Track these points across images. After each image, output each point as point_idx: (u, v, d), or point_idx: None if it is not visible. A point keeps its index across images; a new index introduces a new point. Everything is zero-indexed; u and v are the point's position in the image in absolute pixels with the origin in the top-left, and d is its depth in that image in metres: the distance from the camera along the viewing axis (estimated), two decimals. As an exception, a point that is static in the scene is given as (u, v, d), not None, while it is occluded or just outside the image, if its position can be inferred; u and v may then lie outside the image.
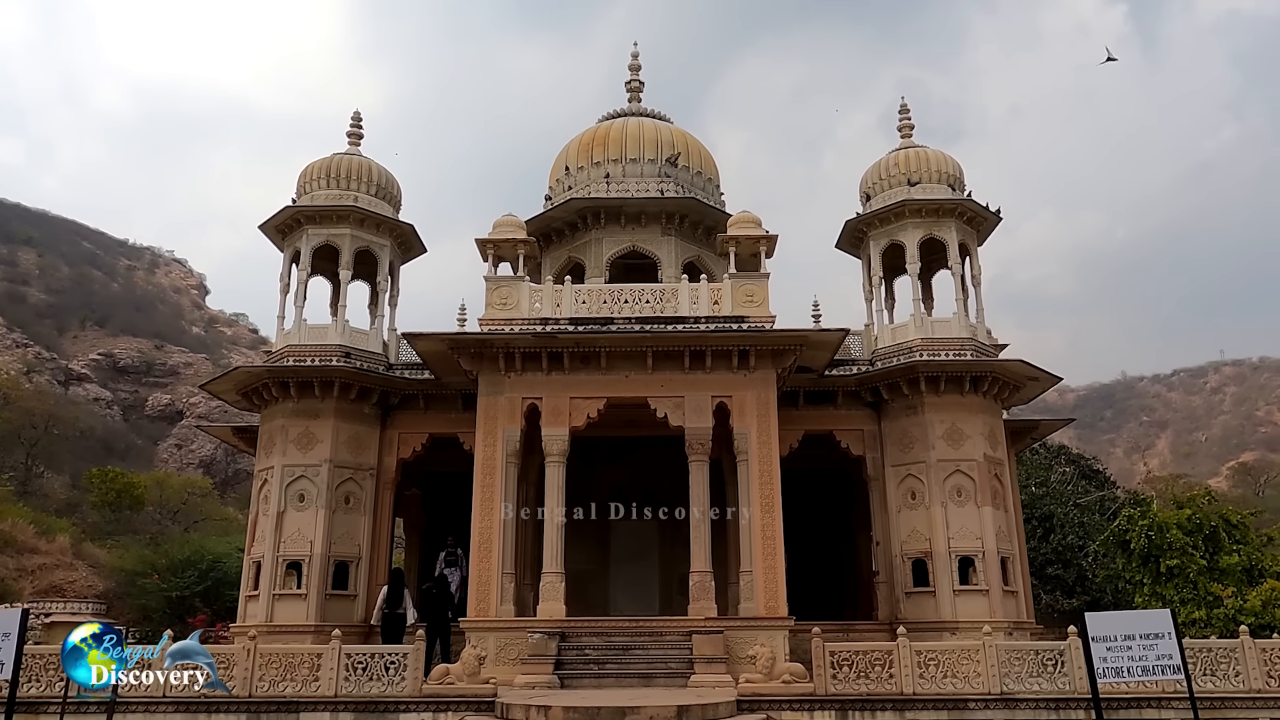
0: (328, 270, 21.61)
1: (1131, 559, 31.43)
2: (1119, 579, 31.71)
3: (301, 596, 18.83)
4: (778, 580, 17.17)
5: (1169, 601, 29.99)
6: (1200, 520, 31.34)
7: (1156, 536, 30.81)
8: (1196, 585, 30.03)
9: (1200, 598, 29.84)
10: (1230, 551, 30.96)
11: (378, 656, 14.05)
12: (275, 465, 19.54)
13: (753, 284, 18.57)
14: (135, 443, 73.11)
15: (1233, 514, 32.90)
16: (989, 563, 18.81)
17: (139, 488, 51.39)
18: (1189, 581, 30.32)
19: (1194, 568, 30.19)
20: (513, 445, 17.91)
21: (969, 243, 20.83)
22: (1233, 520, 32.13)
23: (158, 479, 55.95)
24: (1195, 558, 30.41)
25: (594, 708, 12.16)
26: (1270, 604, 28.64)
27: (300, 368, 19.40)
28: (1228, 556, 30.64)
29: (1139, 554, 31.00)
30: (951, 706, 13.50)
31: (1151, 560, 30.59)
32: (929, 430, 19.44)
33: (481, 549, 17.44)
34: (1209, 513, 31.95)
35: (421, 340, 18.03)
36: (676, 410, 18.01)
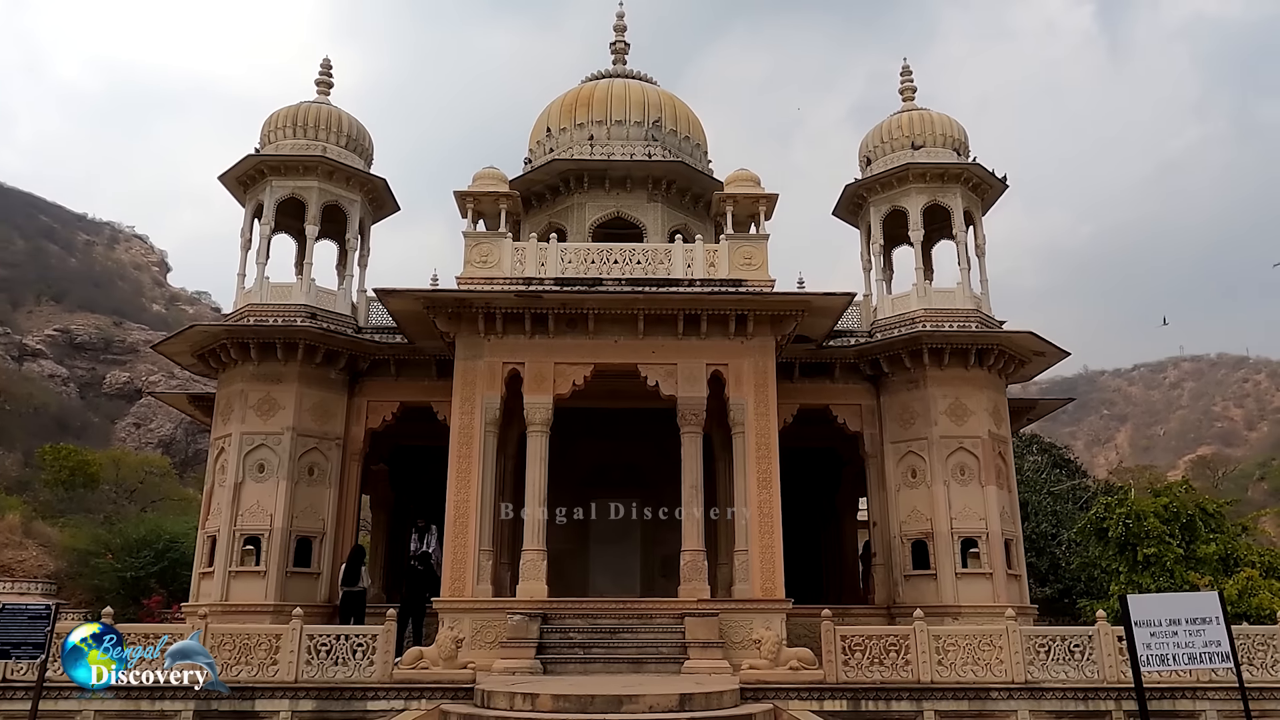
0: (293, 228, 19.95)
1: (1108, 547, 30.75)
2: (1094, 567, 30.98)
3: (260, 574, 17.26)
4: (775, 561, 15.88)
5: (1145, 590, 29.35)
6: (1177, 509, 30.72)
7: (1134, 525, 30.05)
8: (1173, 574, 29.38)
9: (1177, 586, 29.21)
10: (1207, 540, 30.41)
11: (344, 638, 12.56)
12: (233, 433, 17.91)
13: (751, 246, 17.21)
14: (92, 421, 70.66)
15: (1209, 503, 32.26)
16: (993, 545, 17.67)
17: (93, 465, 49.52)
18: (1165, 570, 29.61)
19: (1171, 556, 29.51)
20: (492, 413, 16.45)
21: (973, 211, 19.63)
22: (1209, 509, 31.52)
23: (114, 457, 53.89)
24: (1172, 546, 29.70)
25: (587, 696, 10.77)
26: (1246, 593, 28.04)
27: (261, 328, 17.76)
28: (1205, 545, 29.98)
29: (1116, 542, 30.34)
30: (973, 696, 12.27)
31: (1128, 548, 29.86)
32: (931, 405, 18.23)
33: (457, 524, 15.97)
34: (1186, 501, 31.38)
35: (394, 298, 16.48)
36: (669, 378, 16.63)
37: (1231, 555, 30.06)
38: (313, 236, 18.91)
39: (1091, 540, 31.34)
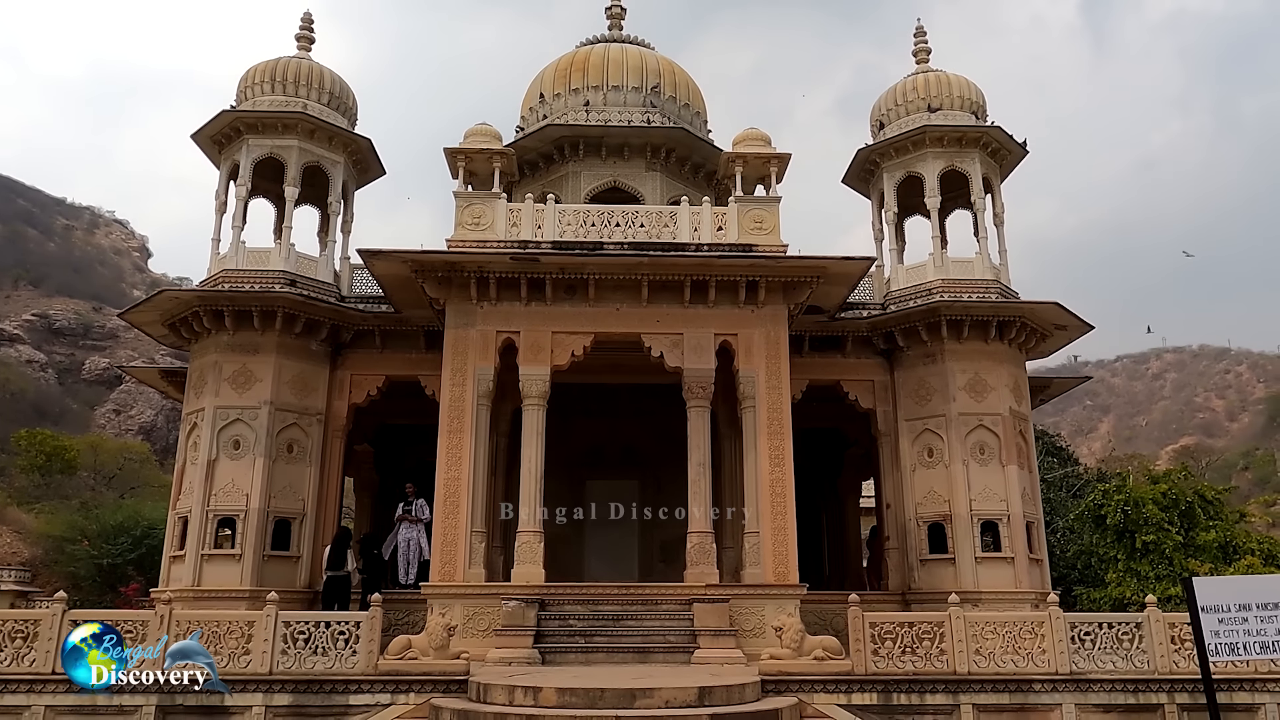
0: (271, 191, 18.61)
1: (1106, 534, 29.86)
2: (1091, 555, 30.11)
3: (235, 557, 15.93)
4: (788, 543, 14.70)
5: (1144, 578, 28.45)
6: (1176, 496, 29.88)
7: (1133, 511, 29.21)
8: (1172, 561, 28.53)
9: (1176, 574, 28.33)
10: (1207, 528, 29.59)
11: (324, 626, 11.30)
12: (206, 407, 16.56)
13: (762, 209, 15.99)
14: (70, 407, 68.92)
15: (1208, 489, 31.46)
16: (1014, 527, 16.56)
17: (71, 451, 48.08)
18: (1164, 558, 28.78)
19: (1170, 544, 28.69)
20: (485, 385, 15.17)
21: (992, 178, 18.47)
22: (1208, 496, 30.75)
23: (92, 443, 52.41)
24: (1171, 534, 28.90)
25: (595, 690, 9.55)
26: None
27: (237, 294, 16.40)
28: (1204, 533, 29.20)
29: (1114, 529, 29.45)
30: (1014, 688, 11.14)
31: (1126, 535, 29.01)
32: (949, 380, 17.08)
33: (448, 504, 14.71)
34: (1184, 488, 30.50)
35: (380, 261, 15.15)
36: (674, 349, 15.40)
37: (1231, 543, 29.32)
38: (292, 199, 17.52)
39: (1088, 528, 30.50)
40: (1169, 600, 26.21)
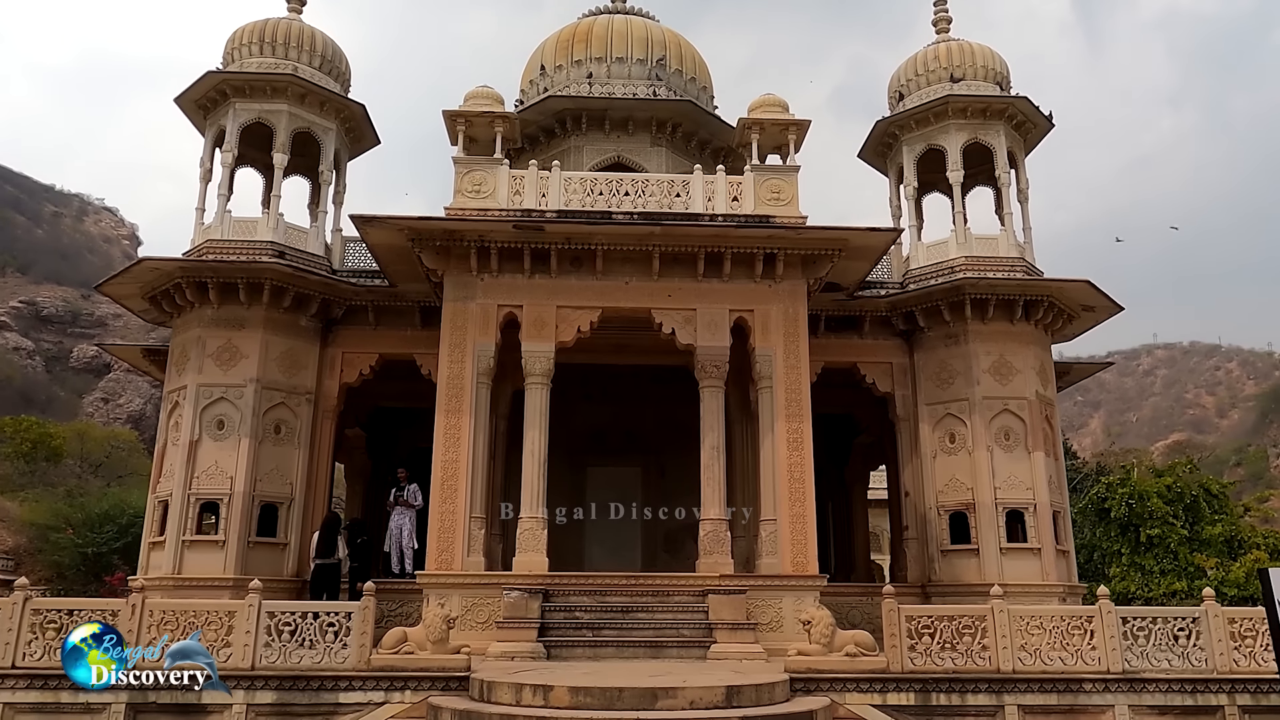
0: (260, 161, 17.48)
1: (1110, 528, 29.06)
2: (1093, 549, 29.30)
3: (218, 543, 14.87)
4: (807, 531, 13.74)
5: (1148, 572, 27.65)
6: (1181, 489, 29.14)
7: (1137, 505, 28.50)
8: (1177, 555, 27.78)
9: (1181, 568, 27.57)
10: (1212, 521, 28.84)
11: (312, 617, 10.25)
12: (189, 385, 15.47)
13: (780, 178, 14.98)
14: (58, 395, 67.77)
15: (1213, 484, 30.77)
16: (1041, 517, 15.61)
17: (57, 439, 46.94)
18: (1169, 552, 28.06)
19: (1175, 538, 27.96)
20: (485, 362, 14.14)
21: (1016, 151, 17.49)
22: (1213, 490, 30.02)
23: (78, 430, 51.27)
24: (1176, 527, 28.21)
25: (613, 689, 8.54)
26: (1254, 575, 26.45)
27: (222, 264, 15.30)
28: (1210, 527, 28.49)
29: (1118, 523, 28.66)
30: (1062, 688, 10.19)
31: (1131, 529, 28.27)
32: (973, 363, 16.11)
33: (445, 488, 13.68)
34: (1189, 482, 29.73)
35: (374, 228, 14.07)
36: (686, 326, 14.39)
37: (1236, 537, 28.54)
38: (281, 166, 16.41)
39: (1090, 521, 29.67)
40: (1173, 595, 25.49)
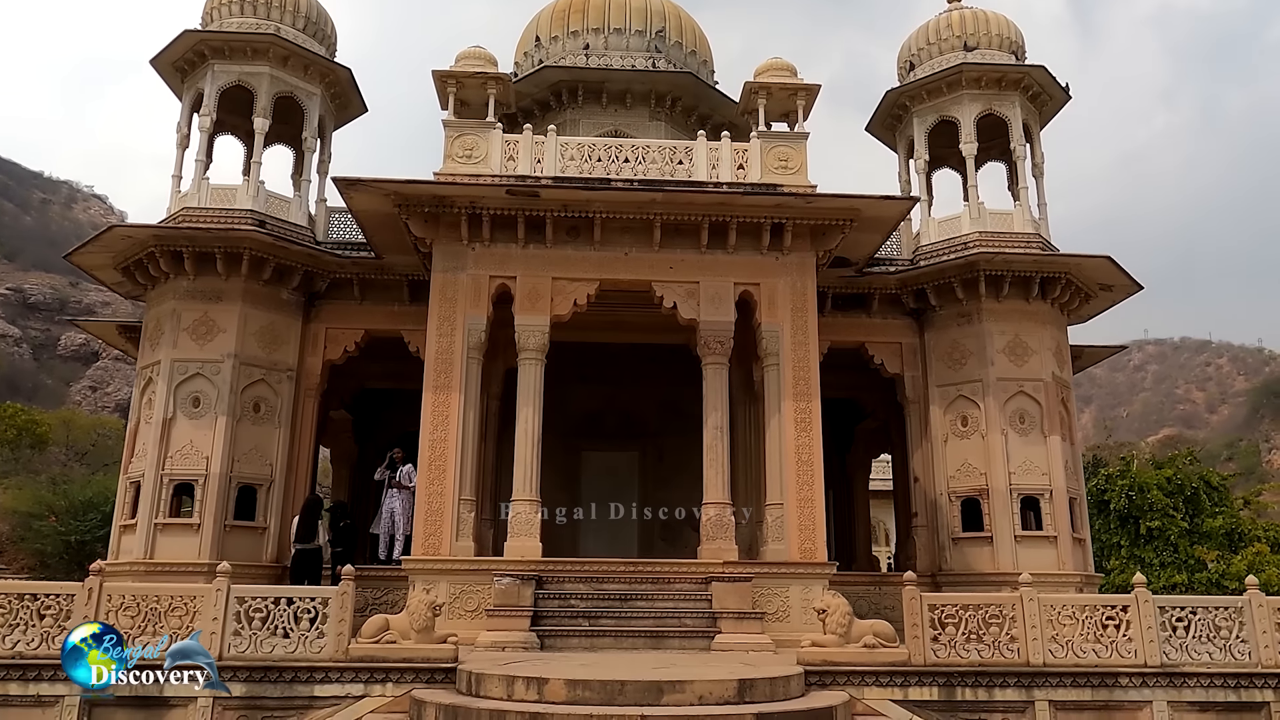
0: (241, 129, 16.57)
1: (1109, 520, 28.38)
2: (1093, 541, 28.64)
3: (192, 527, 13.98)
4: (815, 516, 12.93)
5: (1148, 564, 26.96)
6: (1181, 481, 28.49)
7: (1137, 497, 27.83)
8: (1177, 548, 27.13)
9: (1181, 561, 26.94)
10: (1213, 514, 28.23)
11: (285, 603, 9.36)
12: (162, 360, 14.55)
13: (788, 146, 14.13)
14: (45, 383, 66.66)
15: (1213, 476, 30.11)
16: (1057, 504, 14.82)
17: (42, 426, 45.80)
18: (1169, 544, 27.41)
19: (1175, 530, 27.33)
20: (476, 336, 13.28)
21: (1031, 124, 16.66)
22: (1213, 482, 29.39)
23: (64, 418, 50.18)
24: (1176, 519, 27.56)
25: (613, 682, 7.70)
26: (1255, 568, 25.88)
27: (198, 232, 14.37)
28: (1211, 519, 27.85)
29: (1118, 515, 27.97)
30: (1096, 683, 9.38)
31: (1130, 521, 27.59)
32: (987, 342, 15.30)
33: (433, 468, 12.82)
34: (1190, 474, 29.09)
35: (358, 192, 13.16)
36: (689, 299, 13.55)
37: (1237, 530, 27.92)
38: (262, 132, 15.48)
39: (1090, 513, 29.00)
40: (1173, 588, 24.80)
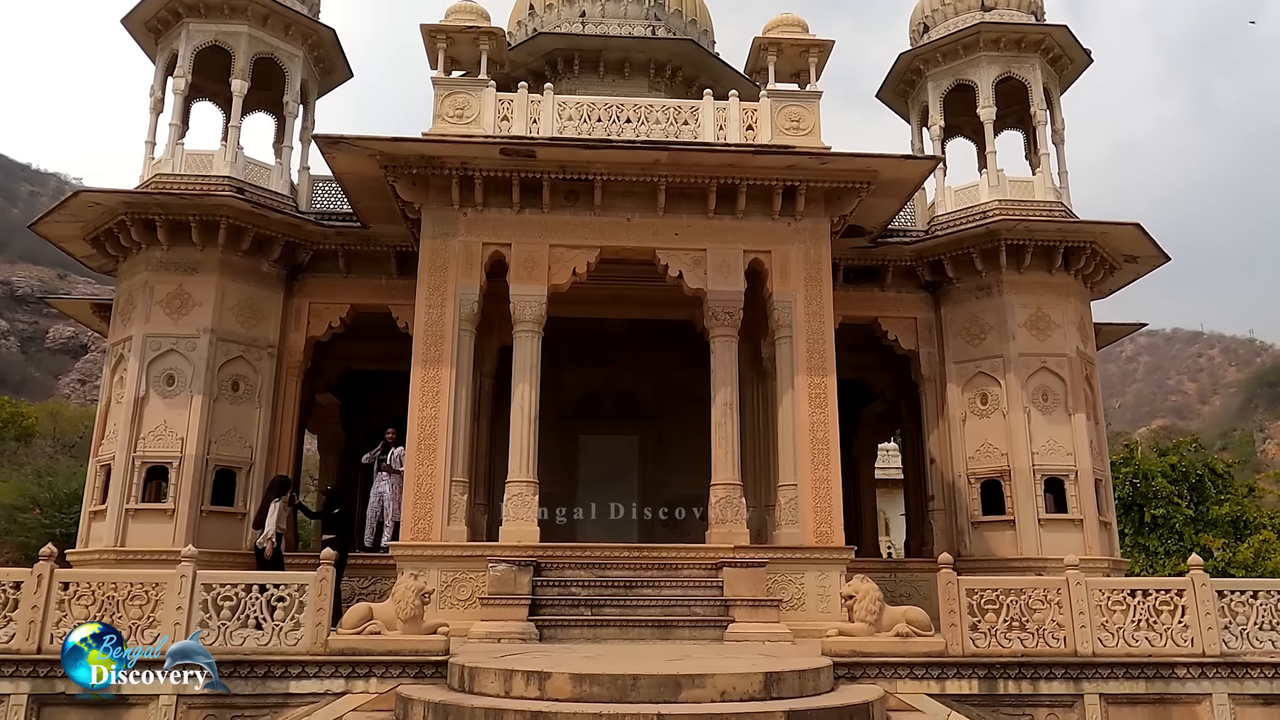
0: (219, 95, 15.56)
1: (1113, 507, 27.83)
2: (1097, 529, 27.94)
3: (166, 512, 13.01)
4: (832, 497, 12.01)
5: (1153, 553, 26.27)
6: (1186, 469, 27.86)
7: (1141, 485, 27.16)
8: (1182, 536, 26.49)
9: (1186, 549, 26.27)
10: (1218, 501, 27.61)
11: (258, 590, 8.40)
12: (134, 335, 13.56)
13: (800, 105, 13.18)
14: (33, 375, 65.72)
15: (1217, 463, 29.49)
16: (1083, 485, 13.95)
17: (28, 418, 44.90)
18: (1174, 532, 26.77)
19: (1180, 518, 26.69)
20: (468, 307, 12.32)
21: (1052, 89, 15.75)
22: (1218, 469, 28.77)
23: (51, 410, 49.34)
24: (1181, 507, 26.94)
25: (624, 677, 6.76)
26: (1261, 555, 25.23)
27: (171, 199, 13.35)
28: (1217, 507, 27.24)
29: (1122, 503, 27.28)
30: (1151, 674, 8.49)
31: (1135, 509, 26.89)
32: (1008, 316, 14.40)
33: (423, 447, 11.87)
34: (1194, 461, 28.44)
35: (341, 152, 12.16)
36: (695, 268, 12.61)
37: (1242, 517, 27.30)
38: (240, 95, 14.46)
39: (1094, 502, 28.30)
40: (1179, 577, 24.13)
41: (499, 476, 12.70)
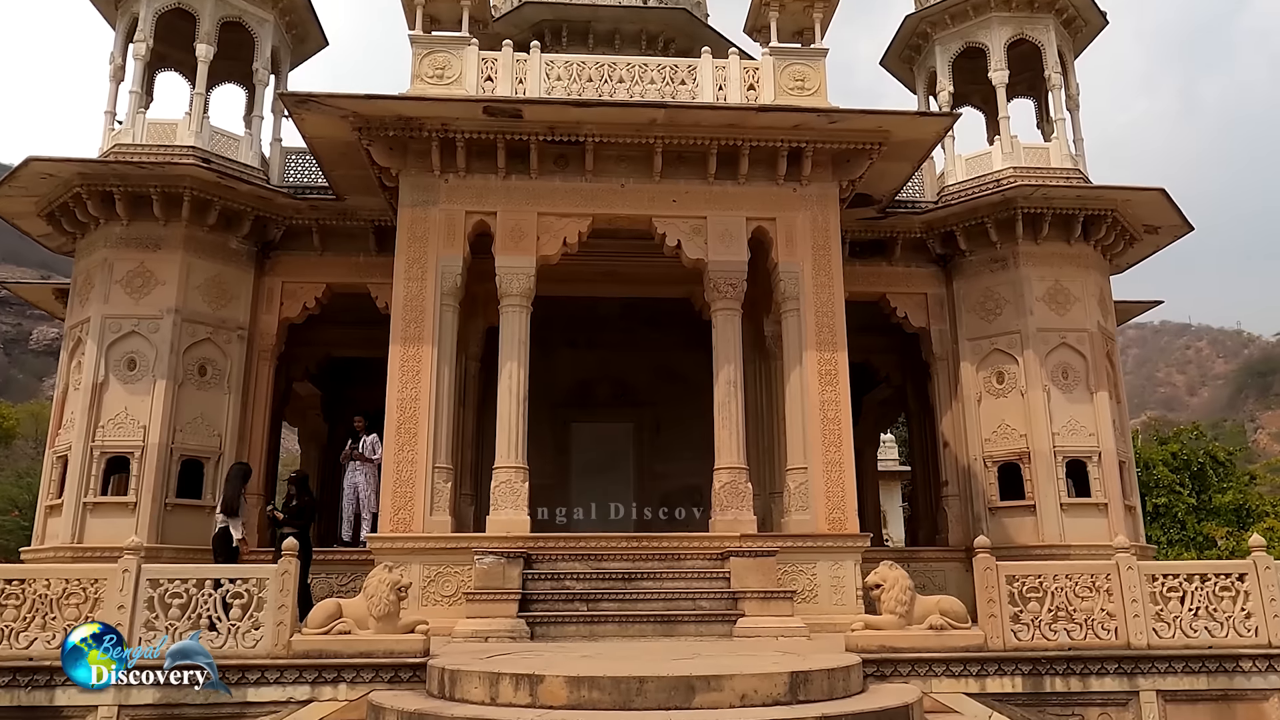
0: (185, 64, 14.49)
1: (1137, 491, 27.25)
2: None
3: (128, 506, 11.98)
4: (845, 481, 11.07)
5: (1155, 542, 25.47)
6: (1187, 457, 27.13)
7: (1143, 474, 26.36)
8: (1185, 525, 25.76)
9: (1189, 538, 25.54)
10: (1221, 490, 26.90)
11: (211, 586, 7.39)
12: (92, 317, 12.52)
13: (804, 64, 12.23)
14: (15, 377, 64.48)
15: (1219, 450, 28.76)
16: (1106, 467, 13.04)
17: (9, 420, 43.68)
18: (1176, 521, 26.03)
19: (1182, 507, 25.96)
20: (451, 280, 11.33)
21: (1066, 52, 14.84)
22: (1220, 458, 28.03)
23: (32, 411, 47.87)
24: (1184, 496, 26.20)
25: (629, 679, 5.79)
26: (1267, 545, 24.58)
27: (131, 169, 12.30)
28: (1219, 495, 26.52)
29: (1123, 492, 26.55)
30: (1213, 667, 7.57)
31: (1136, 498, 26.20)
32: (1025, 289, 13.49)
33: (403, 431, 10.87)
34: (1195, 449, 27.72)
35: (311, 113, 11.13)
36: (695, 237, 11.64)
37: (1245, 506, 26.64)
38: (206, 60, 13.41)
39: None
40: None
41: (486, 466, 11.71)
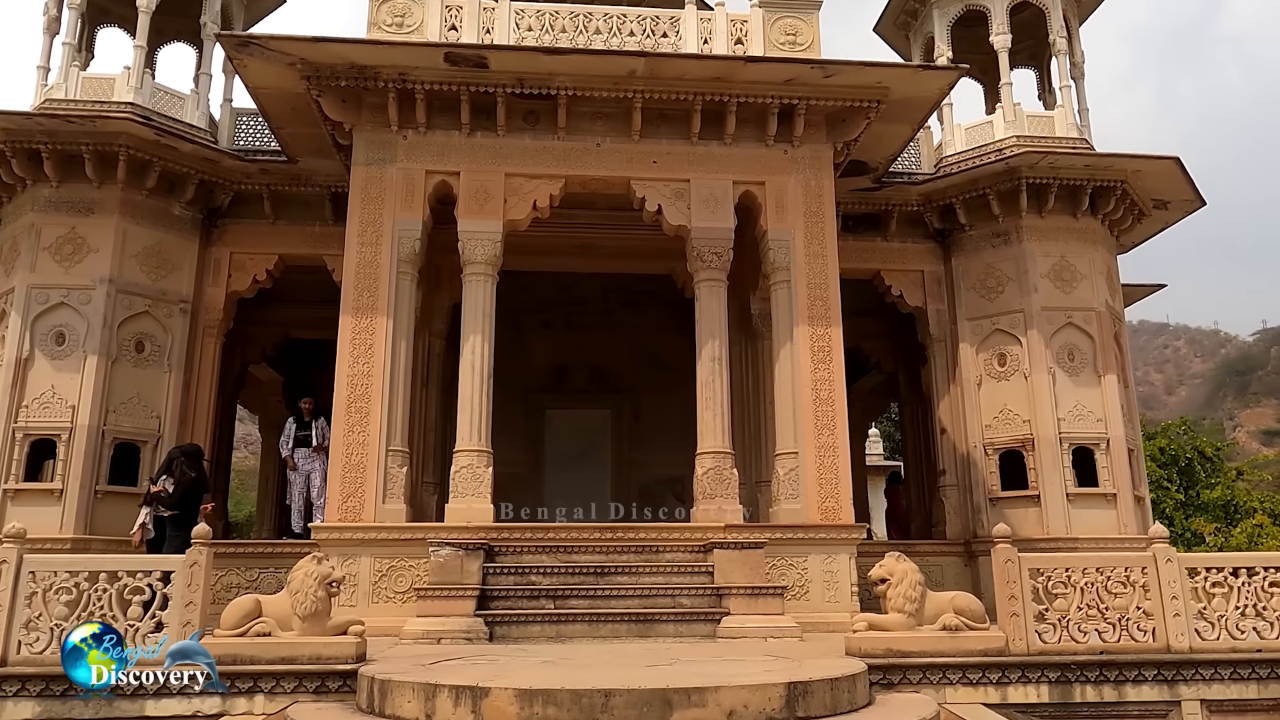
0: (129, 20, 13.27)
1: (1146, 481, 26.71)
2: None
3: (53, 493, 10.81)
4: (839, 467, 10.04)
5: (1142, 539, 24.94)
6: (1175, 452, 26.50)
7: (1130, 468, 25.77)
8: (1173, 521, 25.11)
9: (1178, 534, 24.88)
10: (1209, 485, 26.29)
11: (106, 580, 6.29)
12: (17, 286, 11.32)
13: (796, 17, 11.18)
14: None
15: (1207, 446, 28.12)
16: (1115, 455, 12.09)
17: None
18: (1164, 517, 25.33)
19: (1170, 503, 25.33)
20: (409, 245, 10.22)
21: (1070, 18, 13.90)
22: (1207, 453, 27.42)
23: None
24: (1171, 491, 25.59)
25: (593, 692, 4.71)
26: (1254, 540, 23.89)
27: (60, 124, 11.11)
28: (1207, 491, 25.91)
29: (1109, 487, 25.87)
30: (1264, 674, 6.58)
31: (1123, 494, 25.51)
32: (1029, 265, 12.52)
33: (353, 410, 9.75)
34: (1183, 444, 27.10)
35: (255, 60, 9.95)
36: (677, 201, 10.58)
37: (1233, 501, 26.09)
38: (148, 10, 12.21)
39: (1081, 486, 26.99)
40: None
41: (451, 452, 10.64)
